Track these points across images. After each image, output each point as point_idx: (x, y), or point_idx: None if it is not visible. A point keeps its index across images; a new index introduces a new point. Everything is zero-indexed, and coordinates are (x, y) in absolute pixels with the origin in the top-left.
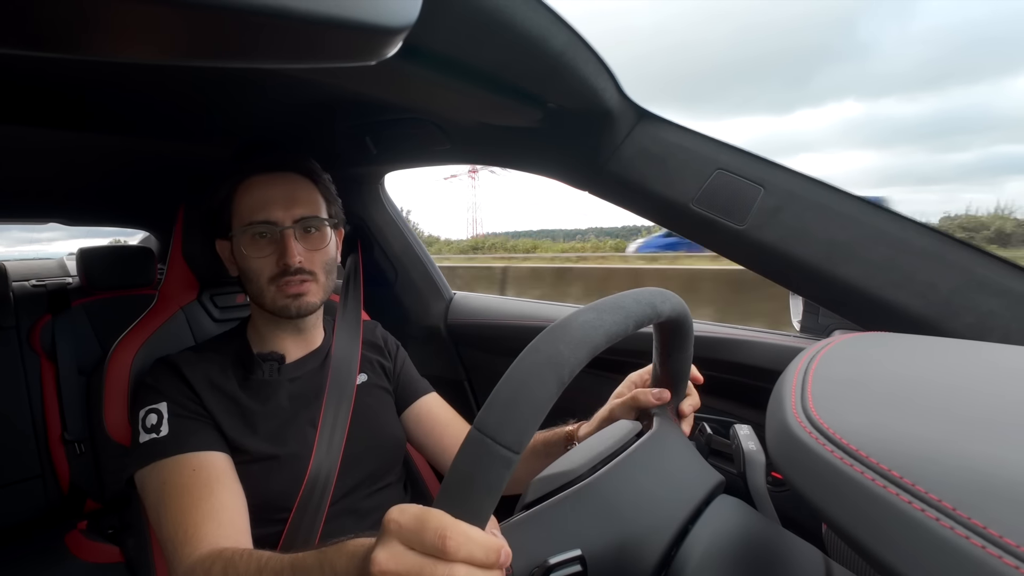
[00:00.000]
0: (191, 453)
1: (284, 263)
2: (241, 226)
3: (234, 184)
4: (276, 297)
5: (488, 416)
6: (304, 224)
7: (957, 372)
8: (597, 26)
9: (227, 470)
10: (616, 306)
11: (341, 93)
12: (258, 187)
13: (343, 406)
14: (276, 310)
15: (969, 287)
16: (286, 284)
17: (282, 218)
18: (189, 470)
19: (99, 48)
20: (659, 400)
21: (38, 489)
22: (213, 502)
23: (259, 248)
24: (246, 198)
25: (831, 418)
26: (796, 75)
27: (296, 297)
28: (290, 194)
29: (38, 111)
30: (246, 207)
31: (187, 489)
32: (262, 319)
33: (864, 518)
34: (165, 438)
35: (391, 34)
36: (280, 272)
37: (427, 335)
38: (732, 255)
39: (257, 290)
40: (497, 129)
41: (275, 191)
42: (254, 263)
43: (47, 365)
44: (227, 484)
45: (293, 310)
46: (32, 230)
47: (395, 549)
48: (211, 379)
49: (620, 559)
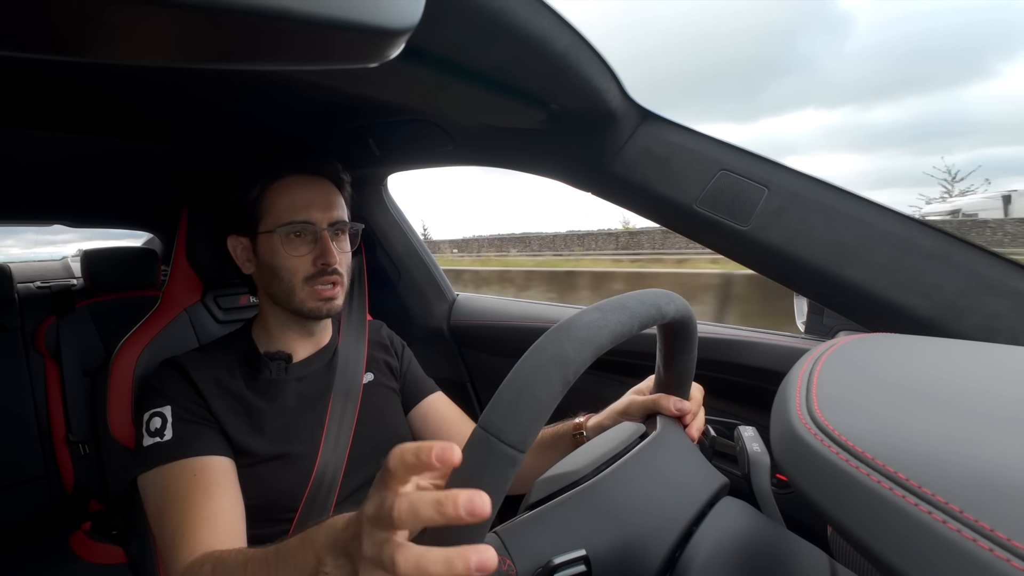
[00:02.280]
0: (194, 458)
1: (324, 263)
2: (278, 224)
3: (268, 182)
4: (307, 298)
5: (493, 414)
6: (337, 227)
7: (963, 373)
8: None
9: (227, 475)
10: (621, 306)
11: (344, 95)
12: (296, 188)
13: (349, 405)
14: (306, 312)
15: (975, 288)
16: (321, 285)
17: (320, 219)
18: (190, 475)
19: (103, 51)
20: (680, 411)
21: (42, 490)
22: (211, 507)
23: (295, 247)
24: (284, 197)
25: (836, 420)
26: (750, 87)
27: (328, 300)
28: (326, 197)
29: (41, 113)
30: (284, 206)
31: (187, 494)
32: (275, 318)
33: (870, 520)
34: (169, 442)
35: (394, 36)
36: (318, 272)
37: (430, 336)
38: (736, 256)
39: (287, 289)
40: (500, 130)
41: (314, 193)
42: (290, 261)
43: (51, 366)
44: (226, 489)
45: (324, 311)
46: (47, 232)
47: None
48: (218, 380)
49: (624, 561)
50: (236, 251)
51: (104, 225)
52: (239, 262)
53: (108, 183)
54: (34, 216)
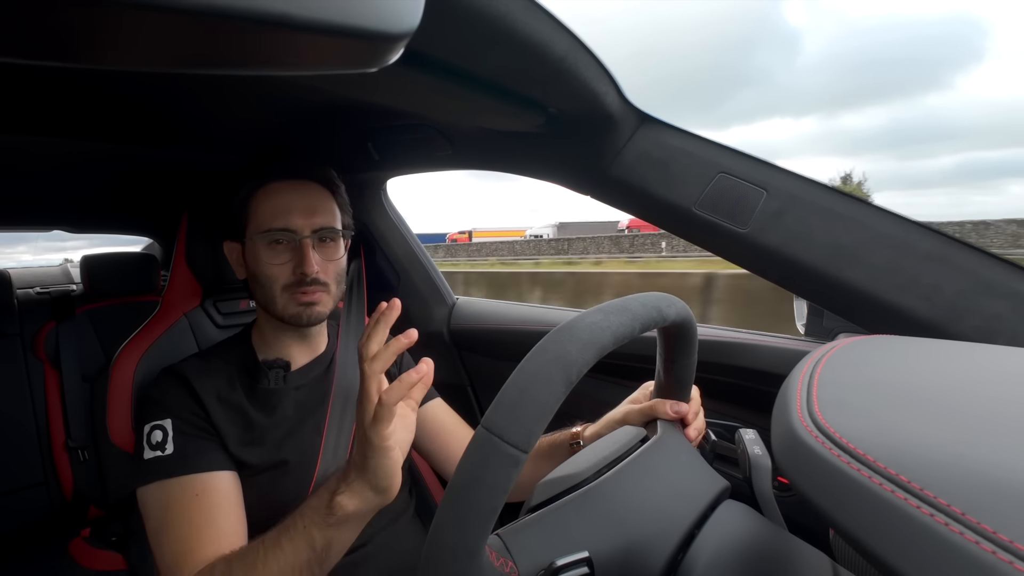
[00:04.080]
0: (196, 475)
1: (301, 272)
2: (259, 231)
3: (253, 188)
4: (288, 305)
5: (496, 415)
6: (321, 234)
7: (964, 375)
8: None
9: (230, 493)
10: (622, 308)
11: (343, 99)
12: (278, 193)
13: (348, 412)
14: (287, 318)
15: (975, 290)
16: (301, 292)
17: (301, 226)
18: (192, 495)
19: (104, 57)
20: (677, 414)
21: (41, 496)
22: (214, 530)
23: (276, 255)
24: (266, 203)
25: (837, 422)
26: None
27: (308, 306)
28: (310, 203)
29: (41, 119)
30: (265, 212)
31: (189, 516)
32: (269, 325)
33: (872, 523)
34: (170, 457)
35: (393, 41)
36: (296, 281)
37: (430, 340)
38: (735, 259)
39: (269, 296)
40: (499, 134)
41: (296, 199)
42: (269, 269)
43: (51, 372)
44: (228, 510)
45: (304, 319)
46: (58, 238)
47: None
48: (219, 392)
49: (626, 563)
50: (231, 256)
51: (104, 231)
52: (234, 267)
53: (108, 189)
54: (34, 222)
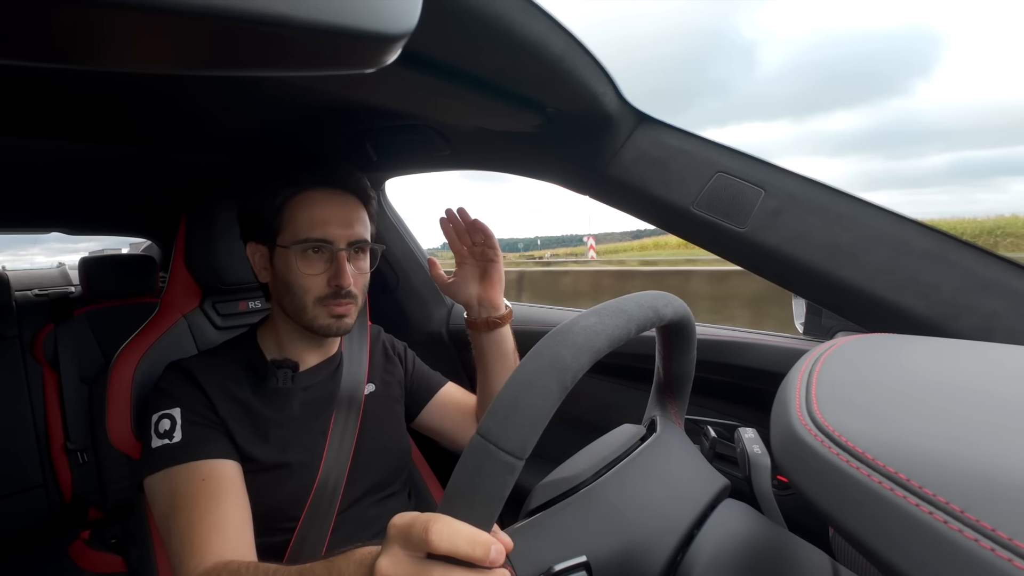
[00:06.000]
0: (203, 461)
1: (337, 285)
2: (295, 240)
3: (290, 194)
4: (319, 315)
5: (490, 422)
6: (357, 246)
7: (963, 373)
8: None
9: (235, 481)
10: (618, 310)
11: (341, 100)
12: (317, 203)
13: (352, 416)
14: (316, 328)
15: (972, 288)
16: (335, 305)
17: (338, 238)
18: (199, 479)
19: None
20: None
21: (40, 499)
22: (219, 514)
23: (311, 265)
24: (304, 212)
25: (836, 421)
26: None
27: (340, 318)
28: (347, 215)
29: (39, 121)
30: (303, 221)
31: (195, 500)
32: (286, 328)
33: (871, 521)
34: (178, 444)
35: (390, 41)
36: (331, 293)
37: (429, 341)
38: (733, 258)
39: (300, 306)
40: (497, 134)
41: (334, 210)
42: (304, 280)
43: (49, 374)
44: (234, 495)
45: (334, 330)
46: (68, 240)
47: (396, 554)
48: (225, 386)
49: (625, 565)
50: (254, 258)
51: (103, 232)
52: (256, 269)
53: (106, 190)
54: (32, 223)
